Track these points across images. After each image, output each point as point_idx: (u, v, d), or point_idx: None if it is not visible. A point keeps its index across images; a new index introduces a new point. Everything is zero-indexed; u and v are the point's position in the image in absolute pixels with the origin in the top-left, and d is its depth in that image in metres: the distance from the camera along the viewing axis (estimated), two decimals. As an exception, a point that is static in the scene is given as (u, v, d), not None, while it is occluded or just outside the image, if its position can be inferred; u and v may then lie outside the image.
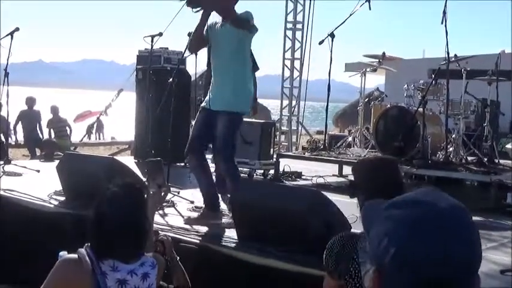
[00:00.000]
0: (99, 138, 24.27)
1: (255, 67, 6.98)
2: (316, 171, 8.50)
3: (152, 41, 7.31)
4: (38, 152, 13.19)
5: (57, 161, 6.67)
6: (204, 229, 4.93)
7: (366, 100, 9.57)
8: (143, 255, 2.65)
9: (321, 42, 8.47)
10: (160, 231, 3.60)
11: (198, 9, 5.25)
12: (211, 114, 5.31)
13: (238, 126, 5.47)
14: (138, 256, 2.61)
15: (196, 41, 5.45)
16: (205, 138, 5.38)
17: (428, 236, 1.11)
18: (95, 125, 20.36)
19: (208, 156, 5.84)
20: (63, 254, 2.65)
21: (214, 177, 5.77)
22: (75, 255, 2.53)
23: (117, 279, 2.49)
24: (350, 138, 9.45)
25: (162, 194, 3.37)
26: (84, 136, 17.55)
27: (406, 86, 8.37)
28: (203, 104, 5.48)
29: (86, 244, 2.57)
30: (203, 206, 5.59)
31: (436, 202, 1.15)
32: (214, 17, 5.44)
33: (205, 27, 5.34)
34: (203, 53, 8.39)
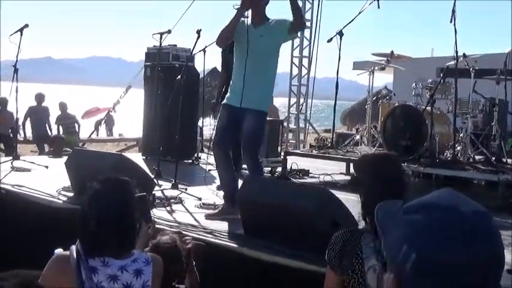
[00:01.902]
0: (110, 135, 24.35)
1: None
2: (324, 169, 8.51)
3: (161, 38, 7.34)
4: (46, 148, 13.24)
5: (65, 157, 6.72)
6: (212, 225, 4.94)
7: (374, 98, 9.56)
8: (136, 252, 2.62)
9: (329, 41, 8.46)
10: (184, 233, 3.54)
11: (239, 6, 5.45)
12: (238, 111, 5.47)
13: (264, 123, 5.76)
14: (128, 252, 2.59)
15: (228, 36, 5.59)
16: (231, 134, 5.56)
17: (451, 242, 1.07)
18: (103, 122, 20.43)
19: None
20: (59, 251, 2.65)
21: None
22: (67, 252, 2.53)
23: (109, 274, 2.48)
24: (358, 137, 9.44)
25: (150, 230, 3.29)
26: (93, 132, 17.59)
27: (414, 84, 8.36)
28: (227, 101, 5.63)
29: (78, 241, 2.56)
30: (212, 202, 5.76)
31: (457, 206, 1.11)
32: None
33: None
34: (211, 50, 8.42)
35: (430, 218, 1.10)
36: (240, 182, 5.23)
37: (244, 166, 8.09)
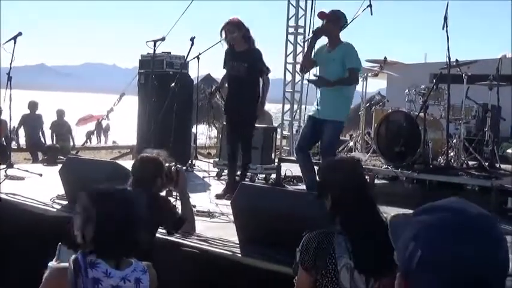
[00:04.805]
0: (105, 142, 24.35)
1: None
2: (318, 176, 8.50)
3: (155, 46, 7.35)
4: (40, 156, 13.22)
5: (59, 165, 6.71)
6: (206, 233, 4.94)
7: (367, 105, 9.59)
8: (133, 261, 2.61)
9: (322, 47, 8.49)
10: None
11: (311, 36, 6.68)
12: (318, 121, 6.57)
13: (340, 132, 6.99)
14: (127, 261, 2.58)
15: (307, 62, 6.81)
16: (311, 140, 6.79)
17: (456, 240, 1.10)
18: (95, 132, 20.42)
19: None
20: (52, 264, 2.61)
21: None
22: (65, 264, 2.50)
23: (111, 285, 2.48)
24: (351, 143, 9.46)
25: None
26: (86, 141, 17.57)
27: (407, 90, 8.38)
28: (311, 114, 6.85)
29: (80, 251, 2.52)
30: (206, 210, 5.83)
31: (465, 208, 1.17)
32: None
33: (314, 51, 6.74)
34: (205, 57, 8.45)
35: (437, 218, 1.15)
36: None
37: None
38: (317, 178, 5.48)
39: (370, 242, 2.59)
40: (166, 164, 4.17)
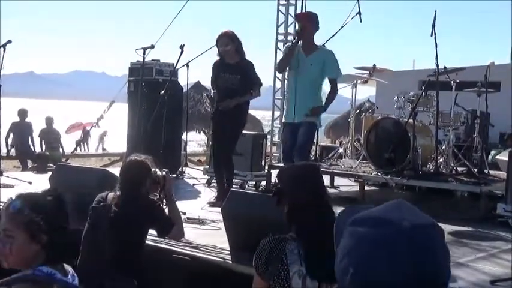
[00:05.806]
0: (102, 149, 24.31)
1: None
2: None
3: (144, 53, 7.34)
4: (29, 163, 13.17)
5: (49, 173, 6.69)
6: (197, 240, 4.94)
7: (357, 111, 9.62)
8: (66, 266, 2.56)
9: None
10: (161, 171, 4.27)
11: (295, 39, 6.70)
12: (295, 126, 6.61)
13: (314, 134, 6.94)
14: (64, 265, 2.53)
15: (285, 63, 6.89)
16: (292, 148, 6.59)
17: (389, 257, 1.07)
18: (81, 139, 20.37)
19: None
20: None
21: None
22: (29, 277, 2.38)
23: None
24: (341, 150, 9.49)
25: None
26: (75, 149, 17.54)
27: (396, 97, 8.42)
28: (285, 120, 6.91)
29: (36, 268, 2.41)
30: (197, 217, 5.80)
31: (402, 221, 1.11)
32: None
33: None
34: (194, 65, 8.47)
35: (372, 232, 1.11)
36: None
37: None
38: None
39: (323, 247, 2.57)
40: (153, 169, 4.23)
